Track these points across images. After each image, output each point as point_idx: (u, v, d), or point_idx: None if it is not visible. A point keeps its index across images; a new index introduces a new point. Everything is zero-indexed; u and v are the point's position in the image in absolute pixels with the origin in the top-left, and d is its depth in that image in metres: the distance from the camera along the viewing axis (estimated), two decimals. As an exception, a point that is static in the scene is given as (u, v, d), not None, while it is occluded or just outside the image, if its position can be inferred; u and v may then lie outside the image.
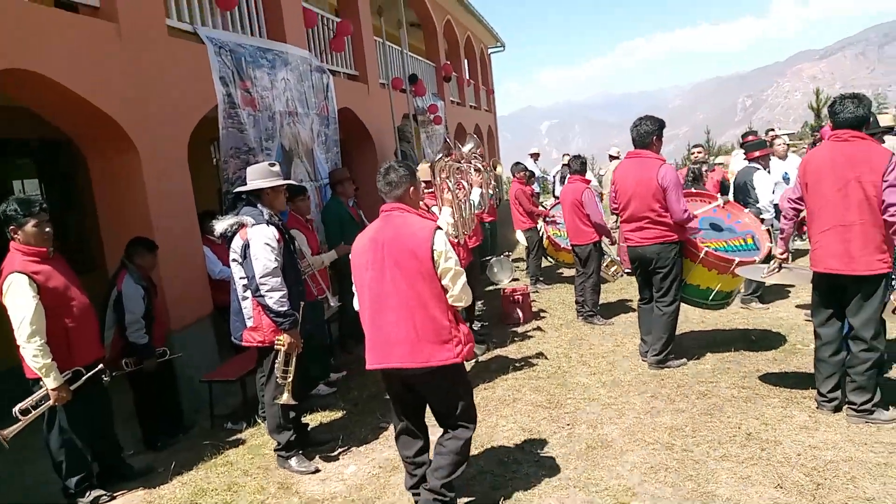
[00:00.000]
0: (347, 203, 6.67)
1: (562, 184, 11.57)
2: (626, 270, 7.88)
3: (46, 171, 7.65)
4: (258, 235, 4.01)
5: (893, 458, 3.61)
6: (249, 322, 4.15)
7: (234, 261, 4.15)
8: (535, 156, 15.05)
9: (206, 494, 4.03)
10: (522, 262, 10.33)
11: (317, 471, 4.20)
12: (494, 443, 4.30)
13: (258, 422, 5.01)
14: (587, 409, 4.72)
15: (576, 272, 7.43)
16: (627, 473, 3.74)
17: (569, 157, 8.73)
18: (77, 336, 3.94)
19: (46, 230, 3.88)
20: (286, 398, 4.08)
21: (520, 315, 7.41)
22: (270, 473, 4.23)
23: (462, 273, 3.24)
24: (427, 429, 3.51)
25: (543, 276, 9.58)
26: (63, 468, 4.00)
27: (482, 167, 6.09)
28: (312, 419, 5.06)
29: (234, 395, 5.55)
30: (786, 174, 7.77)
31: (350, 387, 5.80)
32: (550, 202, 10.39)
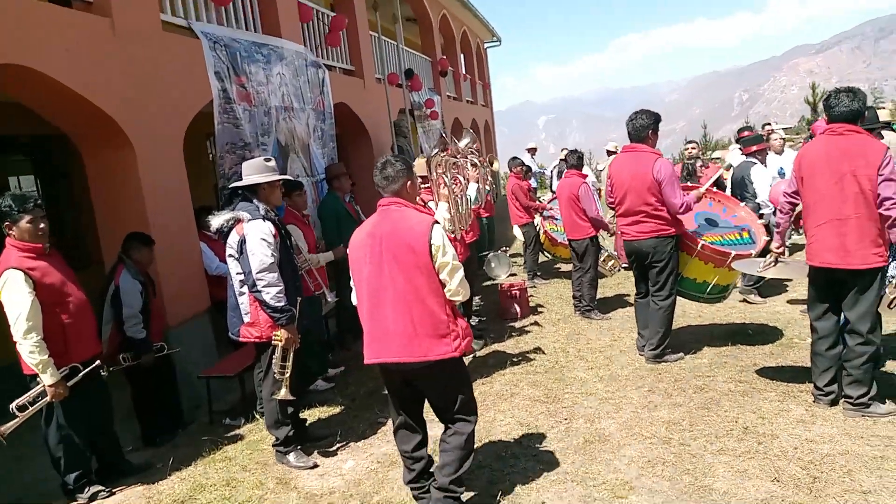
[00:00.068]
0: (344, 198, 6.65)
1: (559, 178, 11.59)
2: (624, 265, 7.89)
3: (42, 168, 7.64)
4: (254, 231, 4.01)
5: (889, 452, 3.63)
6: (247, 318, 4.15)
7: (231, 256, 4.14)
8: (533, 151, 15.04)
9: (205, 490, 4.03)
10: (520, 258, 10.34)
11: (315, 466, 4.20)
12: (492, 437, 4.31)
13: (256, 417, 5.01)
14: (585, 404, 4.73)
15: (573, 267, 7.43)
16: (625, 467, 3.75)
17: (566, 152, 8.72)
18: (74, 332, 3.94)
19: (41, 226, 3.87)
20: (284, 394, 4.08)
21: (517, 310, 7.42)
22: (269, 469, 4.24)
23: (460, 267, 3.24)
24: (425, 423, 3.51)
25: (541, 271, 9.58)
26: (61, 464, 4.00)
27: (478, 162, 6.08)
28: (311, 415, 5.06)
29: (233, 391, 5.55)
30: (781, 169, 7.76)
31: (348, 382, 5.80)
32: (548, 197, 10.39)
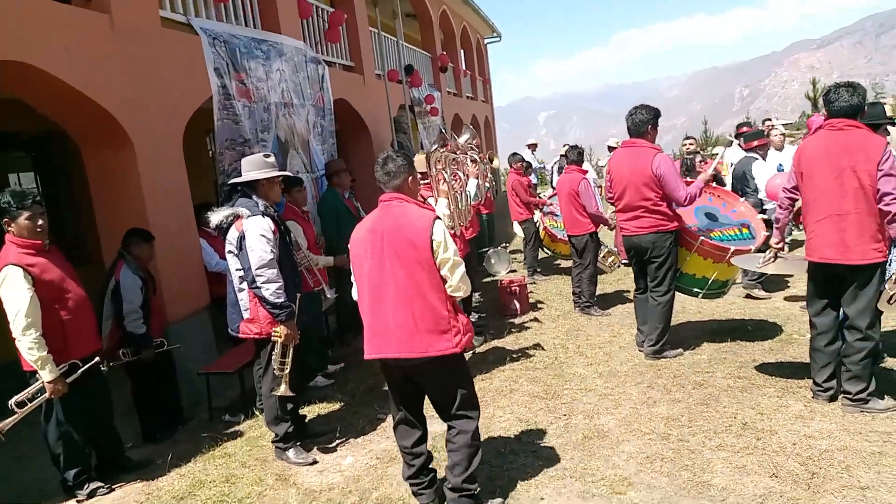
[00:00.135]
0: (343, 194, 6.65)
1: (559, 174, 11.58)
2: (623, 261, 7.89)
3: (42, 165, 7.64)
4: (254, 227, 4.01)
5: (888, 447, 3.64)
6: (246, 314, 4.15)
7: (230, 252, 4.14)
8: (533, 146, 15.04)
9: (205, 486, 4.04)
10: (520, 254, 10.34)
11: (314, 462, 4.21)
12: (492, 433, 4.31)
13: (256, 414, 5.01)
14: (584, 400, 4.73)
15: (573, 263, 7.43)
16: (623, 463, 3.76)
17: (567, 148, 8.72)
18: (73, 329, 3.94)
19: (40, 223, 3.87)
20: (283, 390, 4.08)
21: (517, 306, 7.42)
22: (268, 465, 4.24)
23: (461, 263, 3.23)
24: (425, 419, 3.51)
25: (541, 268, 9.58)
26: (61, 460, 4.00)
27: (478, 158, 6.08)
28: (310, 411, 5.07)
29: (232, 388, 5.55)
30: (780, 166, 7.74)
31: (348, 379, 5.81)
32: (548, 193, 10.39)
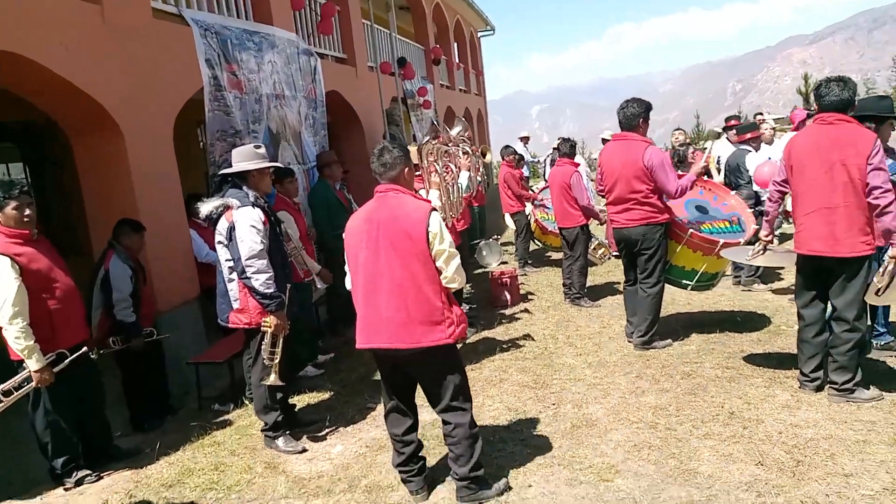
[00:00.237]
0: (335, 186, 6.64)
1: (552, 167, 11.59)
2: (614, 253, 7.92)
3: (31, 156, 7.59)
4: (244, 217, 4.00)
5: (871, 436, 3.68)
6: (236, 304, 4.15)
7: (220, 243, 4.14)
8: (525, 139, 15.02)
9: (193, 474, 4.04)
10: (511, 246, 10.36)
11: (304, 450, 4.22)
12: (481, 422, 4.31)
13: (245, 403, 5.02)
14: (573, 390, 4.76)
15: (563, 255, 7.46)
16: (611, 451, 3.79)
17: (559, 141, 8.74)
18: (61, 318, 3.93)
19: (27, 213, 3.85)
20: (273, 379, 4.09)
21: (507, 297, 7.45)
22: (257, 453, 4.25)
23: (456, 255, 3.25)
24: (416, 408, 3.53)
25: (531, 259, 9.62)
26: (49, 449, 4.00)
27: (470, 150, 6.08)
28: (300, 400, 5.07)
29: (222, 377, 5.55)
30: (770, 160, 7.78)
31: (339, 368, 5.82)
32: (541, 185, 10.40)
